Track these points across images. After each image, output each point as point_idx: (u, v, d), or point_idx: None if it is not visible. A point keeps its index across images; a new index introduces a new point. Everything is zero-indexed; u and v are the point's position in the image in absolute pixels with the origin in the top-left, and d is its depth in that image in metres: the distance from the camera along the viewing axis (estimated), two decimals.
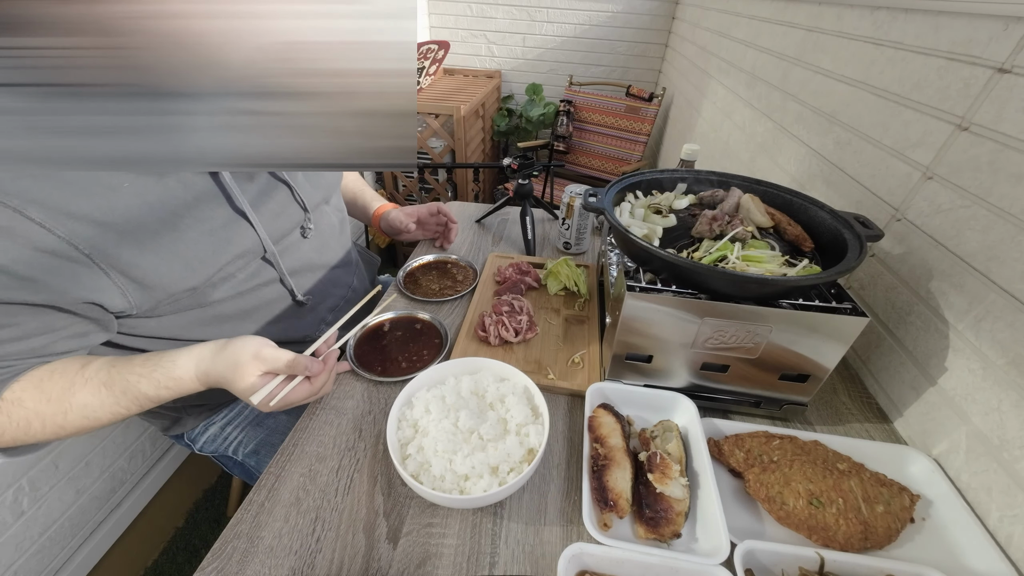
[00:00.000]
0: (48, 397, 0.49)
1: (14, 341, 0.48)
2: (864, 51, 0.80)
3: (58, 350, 0.51)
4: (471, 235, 1.09)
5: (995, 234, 0.52)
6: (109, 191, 0.49)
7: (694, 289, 0.58)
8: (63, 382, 0.49)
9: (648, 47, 2.67)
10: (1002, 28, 0.54)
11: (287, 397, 0.53)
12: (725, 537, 0.46)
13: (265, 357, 0.51)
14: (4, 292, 0.45)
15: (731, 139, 1.46)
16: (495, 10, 2.72)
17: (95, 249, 0.48)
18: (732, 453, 0.56)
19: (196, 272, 0.58)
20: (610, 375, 0.66)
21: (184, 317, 0.62)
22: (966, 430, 0.54)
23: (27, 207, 0.44)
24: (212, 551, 0.48)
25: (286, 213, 0.70)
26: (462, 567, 0.48)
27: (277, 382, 0.53)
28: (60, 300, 0.48)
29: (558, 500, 0.54)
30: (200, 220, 0.57)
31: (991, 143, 0.53)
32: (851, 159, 0.81)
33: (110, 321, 0.55)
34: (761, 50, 1.28)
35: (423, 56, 2.48)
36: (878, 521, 0.49)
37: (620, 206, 0.73)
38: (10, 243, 0.44)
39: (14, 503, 0.90)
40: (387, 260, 2.32)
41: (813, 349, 0.57)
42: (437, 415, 0.55)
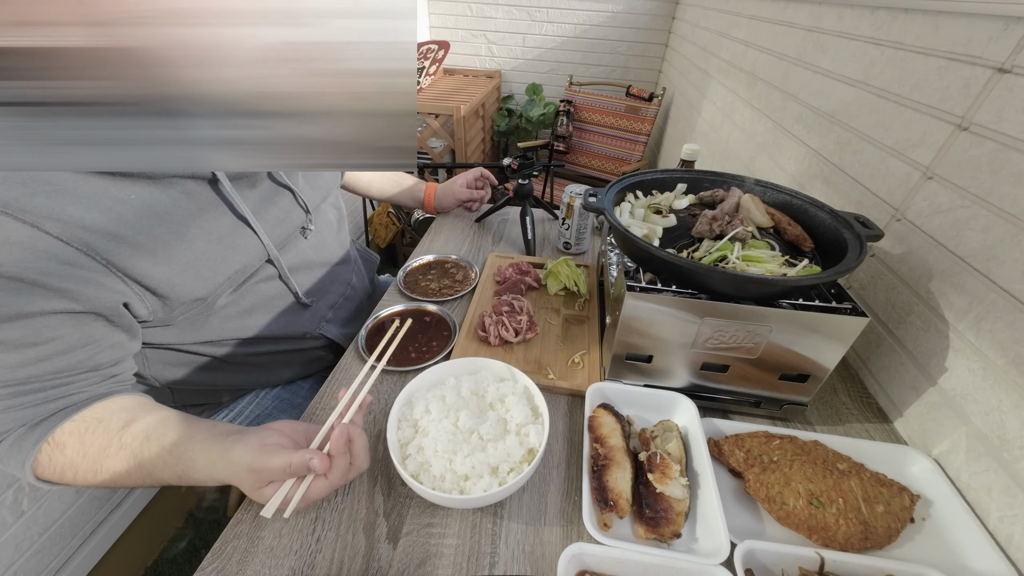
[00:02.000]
0: (85, 452, 0.49)
1: (61, 355, 0.48)
2: (864, 51, 0.80)
3: (101, 361, 0.52)
4: (471, 235, 1.09)
5: (995, 234, 0.52)
6: (119, 203, 0.50)
7: (694, 289, 0.58)
8: (103, 440, 0.49)
9: (648, 47, 2.67)
10: (1002, 28, 0.54)
11: (302, 500, 0.46)
12: (725, 537, 0.46)
13: (260, 469, 0.45)
14: (43, 303, 0.45)
15: (731, 139, 1.46)
16: (495, 10, 2.72)
17: (111, 260, 0.49)
18: (732, 453, 0.56)
19: (207, 281, 0.58)
20: (610, 375, 0.66)
21: (194, 324, 0.63)
22: (966, 430, 0.54)
23: (44, 222, 0.45)
24: (212, 551, 0.48)
25: (289, 218, 0.70)
26: (462, 567, 0.48)
27: (287, 487, 0.45)
28: (97, 306, 0.49)
29: (558, 500, 0.54)
30: (206, 229, 0.57)
31: (991, 143, 0.53)
32: (851, 159, 0.81)
33: (138, 330, 0.56)
34: (761, 50, 1.28)
35: (423, 56, 2.48)
36: (878, 521, 0.49)
37: (620, 206, 0.73)
38: (33, 256, 0.44)
39: (14, 503, 0.90)
40: (387, 260, 2.32)
41: (813, 349, 0.57)
42: (437, 415, 0.55)
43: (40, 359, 0.47)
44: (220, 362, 0.71)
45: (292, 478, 0.46)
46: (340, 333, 0.82)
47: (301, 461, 0.44)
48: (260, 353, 0.74)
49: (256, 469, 0.45)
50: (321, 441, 0.49)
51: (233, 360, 0.71)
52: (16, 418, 0.48)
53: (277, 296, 0.72)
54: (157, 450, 0.48)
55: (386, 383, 0.68)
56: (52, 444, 0.49)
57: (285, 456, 0.45)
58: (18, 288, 0.44)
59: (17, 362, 0.46)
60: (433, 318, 0.80)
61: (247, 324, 0.69)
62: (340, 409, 0.51)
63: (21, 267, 0.43)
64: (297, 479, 0.46)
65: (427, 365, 0.69)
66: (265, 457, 0.45)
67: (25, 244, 0.44)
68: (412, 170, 1.05)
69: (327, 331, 0.80)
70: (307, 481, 0.46)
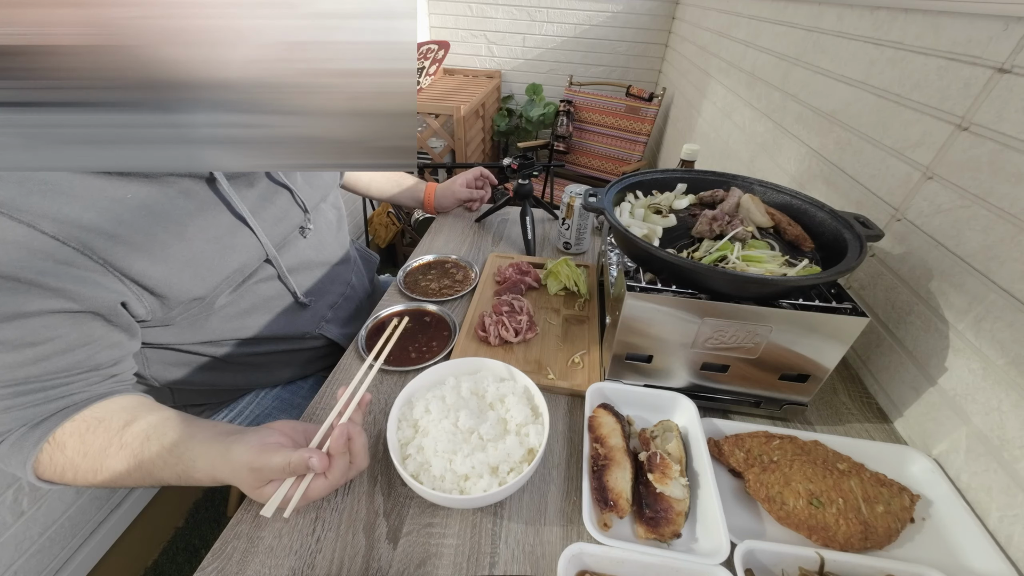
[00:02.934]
0: (86, 452, 0.49)
1: (59, 355, 0.48)
2: (864, 51, 0.80)
3: (101, 361, 0.52)
4: (471, 235, 1.09)
5: (995, 234, 0.52)
6: (116, 203, 0.49)
7: (694, 289, 0.58)
8: (103, 439, 0.49)
9: (648, 47, 2.67)
10: (1002, 28, 0.54)
11: (302, 499, 0.46)
12: (725, 537, 0.46)
13: (260, 467, 0.45)
14: (40, 302, 0.45)
15: (731, 139, 1.46)
16: (495, 10, 2.72)
17: (108, 259, 0.49)
18: (732, 453, 0.56)
19: (205, 281, 0.58)
20: (610, 375, 0.66)
21: (193, 324, 0.63)
22: (966, 430, 0.54)
23: (40, 222, 0.44)
24: (212, 551, 0.48)
25: (287, 217, 0.70)
26: (462, 567, 0.48)
27: (287, 487, 0.46)
28: (95, 305, 0.49)
29: (558, 500, 0.54)
30: (204, 229, 0.57)
31: (991, 143, 0.53)
32: (851, 159, 0.81)
33: (137, 330, 0.56)
34: (761, 50, 1.28)
35: (423, 56, 2.48)
36: (878, 521, 0.49)
37: (620, 206, 0.73)
38: (29, 255, 0.44)
39: (14, 503, 0.90)
40: (387, 260, 2.32)
41: (813, 349, 0.57)
42: (437, 415, 0.55)
43: (39, 359, 0.47)
44: (220, 362, 0.71)
45: (292, 477, 0.46)
46: (340, 333, 0.82)
47: (300, 460, 0.45)
48: (260, 353, 0.74)
49: (256, 468, 0.45)
50: (320, 440, 0.49)
51: (233, 360, 0.71)
52: (17, 418, 0.48)
53: (276, 296, 0.72)
54: (157, 450, 0.48)
55: (386, 383, 0.68)
56: (53, 444, 0.49)
57: (284, 455, 0.45)
58: (15, 288, 0.44)
59: (16, 362, 0.46)
60: (433, 318, 0.80)
61: (246, 324, 0.69)
62: (339, 408, 0.52)
63: (18, 266, 0.43)
64: (297, 478, 0.46)
65: (427, 365, 0.69)
66: (265, 456, 0.45)
67: (21, 243, 0.44)
68: (412, 170, 1.05)
69: (327, 331, 0.80)
70: (307, 480, 0.46)
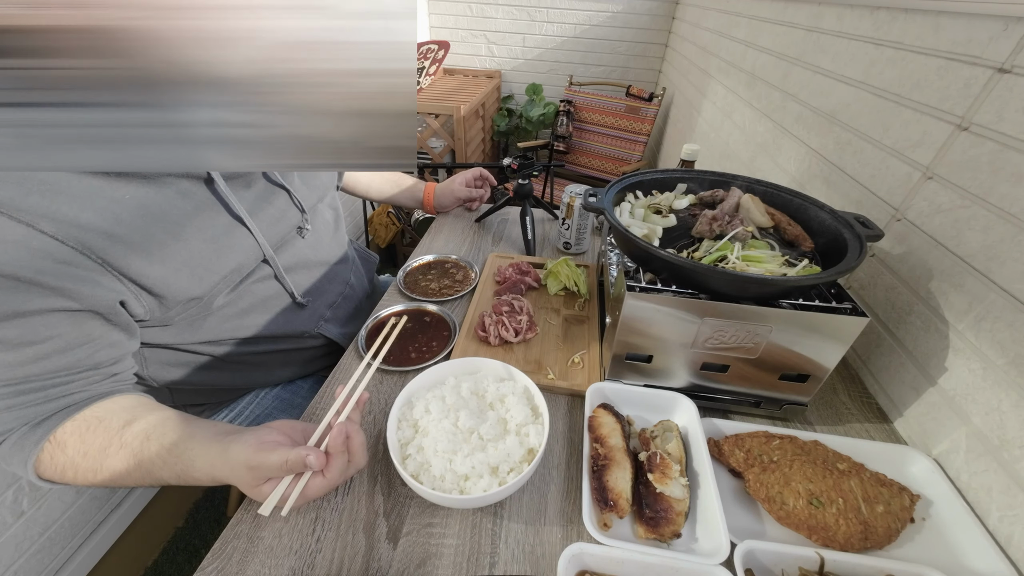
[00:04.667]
0: (86, 451, 0.49)
1: (59, 354, 0.48)
2: (864, 51, 0.80)
3: (100, 360, 0.52)
4: (471, 235, 1.09)
5: (995, 234, 0.52)
6: (113, 203, 0.50)
7: (694, 289, 0.58)
8: (103, 439, 0.49)
9: (648, 47, 2.67)
10: (1002, 28, 0.54)
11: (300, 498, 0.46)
12: (725, 537, 0.46)
13: (258, 465, 0.45)
14: (40, 301, 0.45)
15: (731, 139, 1.46)
16: (495, 10, 2.72)
17: (106, 258, 0.49)
18: (732, 453, 0.56)
19: (203, 280, 0.58)
20: (610, 375, 0.66)
21: (191, 324, 0.63)
22: (966, 430, 0.54)
23: (39, 221, 0.45)
24: (212, 551, 0.48)
25: (285, 218, 0.70)
26: (462, 567, 0.48)
27: (285, 485, 0.46)
28: (94, 304, 0.49)
29: (558, 500, 0.54)
30: (201, 229, 0.57)
31: (991, 143, 0.53)
32: (851, 159, 0.81)
33: (136, 329, 0.56)
34: (761, 50, 1.28)
35: (423, 56, 2.48)
36: (878, 521, 0.49)
37: (620, 206, 0.73)
38: (28, 255, 0.44)
39: (14, 503, 0.90)
40: (387, 260, 2.32)
41: (813, 349, 0.57)
42: (437, 415, 0.55)
43: (39, 358, 0.47)
44: (219, 362, 0.71)
45: (289, 475, 0.46)
46: (339, 333, 0.82)
47: (298, 457, 0.45)
48: (259, 352, 0.74)
49: (254, 466, 0.45)
50: (319, 439, 0.49)
51: (232, 360, 0.72)
52: (18, 417, 0.48)
53: (274, 296, 0.72)
54: (157, 449, 0.48)
55: (386, 383, 0.68)
56: (54, 443, 0.49)
57: (282, 453, 0.45)
58: (14, 287, 0.44)
59: (16, 361, 0.46)
60: (433, 318, 0.80)
61: (245, 324, 0.69)
62: (337, 407, 0.52)
63: (17, 266, 0.43)
64: (295, 476, 0.46)
65: (427, 365, 0.69)
66: (262, 454, 0.45)
67: (20, 243, 0.44)
68: (412, 170, 1.05)
69: (326, 330, 0.80)
70: (304, 478, 0.46)
